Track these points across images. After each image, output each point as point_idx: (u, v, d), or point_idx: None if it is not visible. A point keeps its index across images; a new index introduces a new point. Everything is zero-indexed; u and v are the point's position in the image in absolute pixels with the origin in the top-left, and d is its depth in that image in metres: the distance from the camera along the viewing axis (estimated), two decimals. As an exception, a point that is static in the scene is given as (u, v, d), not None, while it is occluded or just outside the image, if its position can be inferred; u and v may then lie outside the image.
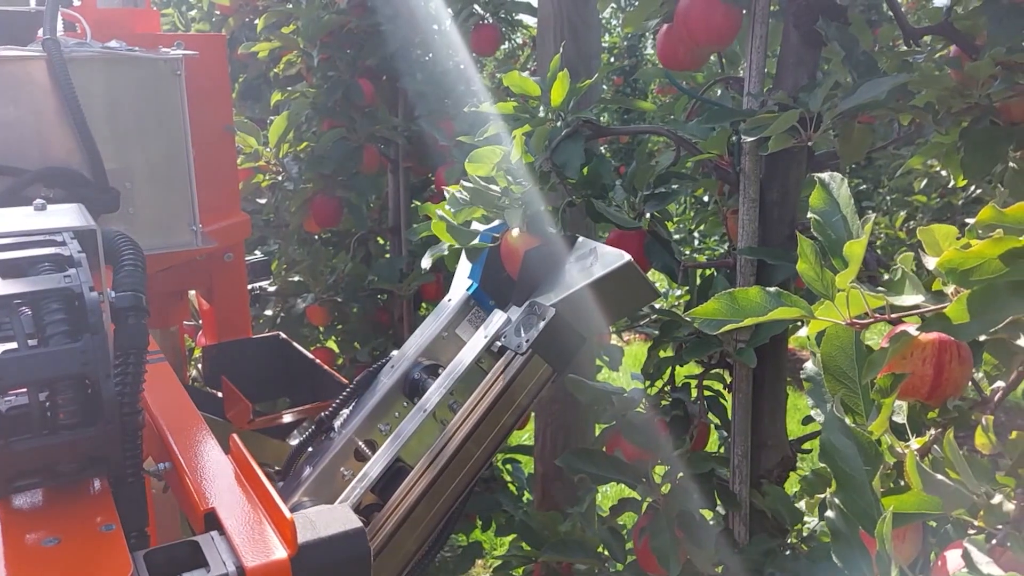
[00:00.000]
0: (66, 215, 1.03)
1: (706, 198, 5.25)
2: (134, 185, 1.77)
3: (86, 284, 0.84)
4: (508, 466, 3.24)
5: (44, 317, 0.83)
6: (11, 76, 1.60)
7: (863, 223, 0.84)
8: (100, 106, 1.70)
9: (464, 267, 1.53)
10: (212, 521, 0.85)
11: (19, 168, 1.61)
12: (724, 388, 1.69)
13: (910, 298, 0.80)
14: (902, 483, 0.88)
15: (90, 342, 0.81)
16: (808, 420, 1.69)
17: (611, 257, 1.29)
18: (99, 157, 1.66)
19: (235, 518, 0.84)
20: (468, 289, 1.47)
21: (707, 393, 1.67)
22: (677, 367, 1.72)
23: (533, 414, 2.66)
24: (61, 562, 0.77)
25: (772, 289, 0.89)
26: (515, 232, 1.43)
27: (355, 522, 0.85)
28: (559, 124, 1.50)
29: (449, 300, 1.49)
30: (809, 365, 0.99)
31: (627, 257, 1.27)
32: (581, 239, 1.39)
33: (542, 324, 1.27)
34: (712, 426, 1.72)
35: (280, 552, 0.79)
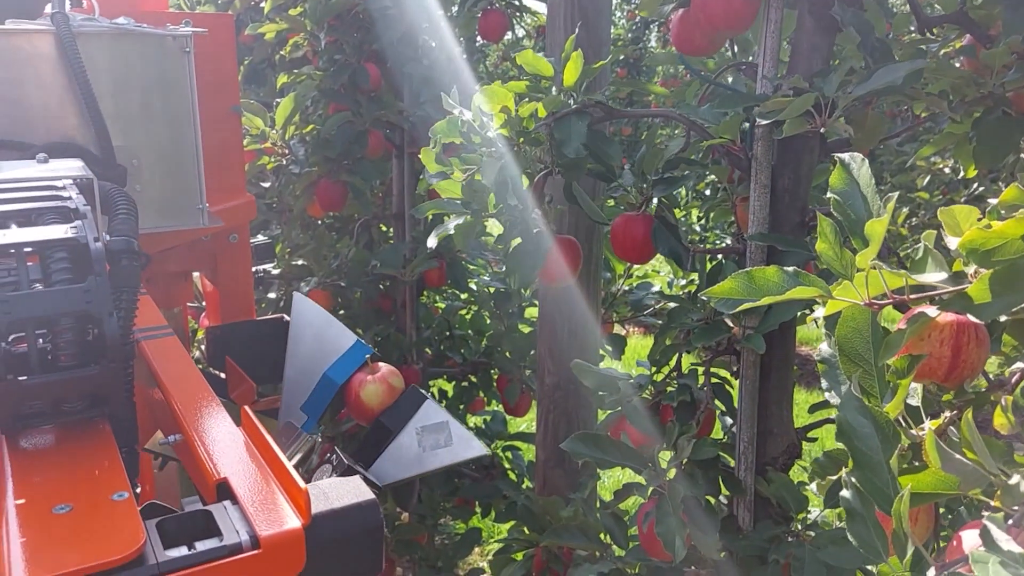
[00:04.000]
0: (66, 167, 1.13)
1: (708, 192, 5.24)
2: (141, 162, 1.76)
3: (91, 235, 0.90)
4: (508, 453, 3.24)
5: (51, 265, 0.89)
6: (19, 50, 1.59)
7: (884, 202, 0.84)
8: (107, 82, 1.69)
9: (297, 389, 1.51)
10: (224, 491, 0.85)
11: (26, 143, 1.60)
12: (731, 375, 1.69)
13: (933, 275, 0.80)
14: (916, 464, 0.88)
15: (94, 282, 0.87)
16: (815, 408, 1.69)
17: (465, 447, 1.30)
18: (107, 133, 1.65)
19: (248, 488, 0.84)
20: (303, 425, 1.48)
21: (713, 380, 1.66)
22: (684, 354, 1.72)
23: (535, 401, 2.66)
24: (74, 529, 0.77)
25: (789, 268, 0.89)
26: (367, 387, 1.43)
27: (368, 494, 0.85)
28: (570, 103, 1.50)
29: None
30: (824, 347, 0.99)
31: (484, 450, 1.28)
32: (428, 403, 1.39)
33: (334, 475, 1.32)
34: (717, 413, 1.72)
35: (294, 522, 0.79)
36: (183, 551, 0.75)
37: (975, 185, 4.24)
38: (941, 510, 1.13)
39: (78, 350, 0.88)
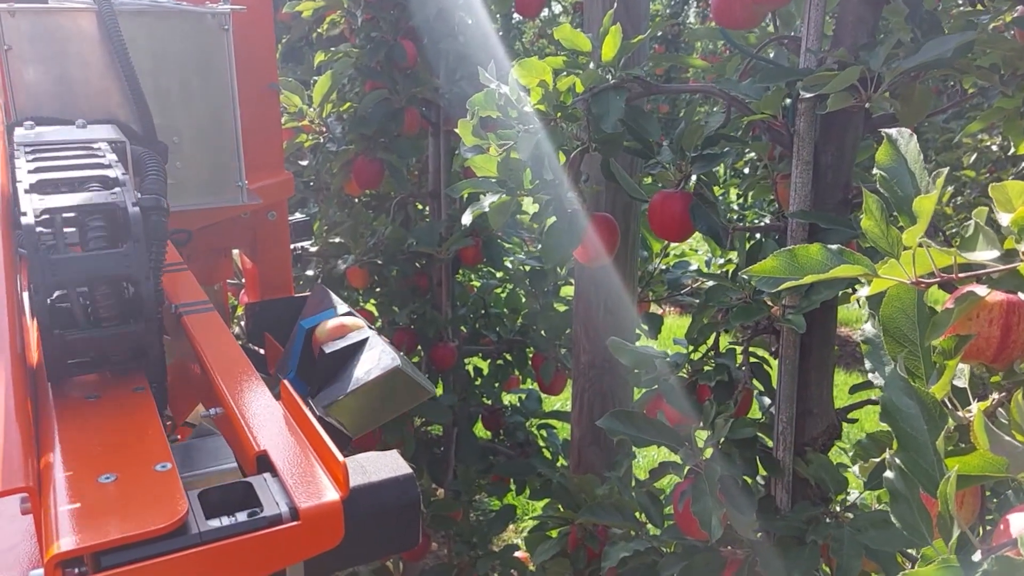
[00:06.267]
0: (101, 131, 1.26)
1: (747, 170, 5.16)
2: (181, 140, 1.78)
3: (130, 201, 0.97)
4: (543, 431, 3.25)
5: (89, 232, 0.95)
6: (62, 28, 1.61)
7: (934, 178, 0.81)
8: (147, 60, 1.71)
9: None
10: (264, 463, 0.86)
11: (69, 120, 1.62)
12: (769, 354, 1.67)
13: (984, 253, 0.78)
14: (963, 447, 0.86)
15: (132, 248, 0.94)
16: (856, 388, 1.66)
17: (385, 361, 1.30)
18: (148, 110, 1.67)
19: (287, 460, 0.85)
20: (286, 376, 1.47)
21: (751, 359, 1.65)
22: (721, 333, 1.70)
23: (570, 380, 2.66)
24: (119, 498, 0.78)
25: (833, 246, 0.87)
26: (322, 326, 1.43)
27: (405, 468, 0.85)
28: (608, 78, 1.48)
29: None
30: (868, 327, 0.97)
31: (396, 363, 1.29)
32: (373, 336, 1.39)
33: None
34: (755, 393, 1.70)
35: (332, 494, 0.79)
36: (224, 521, 0.76)
37: (1022, 164, 4.13)
38: (987, 493, 1.11)
39: (118, 308, 0.96)
